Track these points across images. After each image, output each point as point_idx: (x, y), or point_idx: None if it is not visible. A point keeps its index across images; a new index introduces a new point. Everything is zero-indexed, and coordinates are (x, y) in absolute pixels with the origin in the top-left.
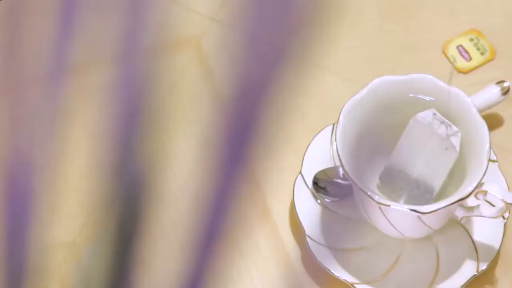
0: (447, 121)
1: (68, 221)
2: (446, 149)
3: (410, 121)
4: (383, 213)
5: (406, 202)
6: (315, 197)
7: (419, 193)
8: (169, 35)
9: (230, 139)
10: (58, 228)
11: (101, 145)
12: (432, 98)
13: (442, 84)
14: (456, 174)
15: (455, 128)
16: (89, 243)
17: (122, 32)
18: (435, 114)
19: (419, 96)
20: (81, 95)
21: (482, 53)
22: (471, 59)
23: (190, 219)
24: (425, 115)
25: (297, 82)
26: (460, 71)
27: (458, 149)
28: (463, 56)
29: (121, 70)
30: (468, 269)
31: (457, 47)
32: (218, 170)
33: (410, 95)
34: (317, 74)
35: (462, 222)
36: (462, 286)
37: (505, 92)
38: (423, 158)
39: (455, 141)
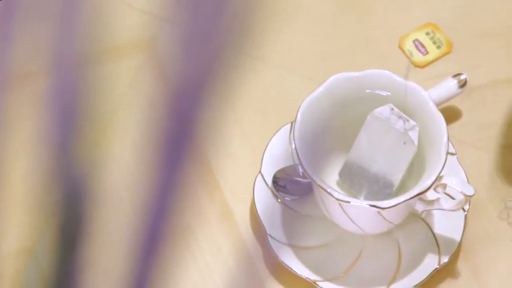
0: (404, 115)
1: (25, 228)
2: (404, 143)
3: (368, 116)
4: (343, 210)
5: (366, 198)
6: (275, 196)
7: (379, 188)
8: (121, 38)
9: (186, 139)
10: (15, 235)
11: (42, 151)
12: (389, 93)
13: (399, 79)
14: (415, 168)
15: (412, 122)
16: (39, 249)
17: (66, 38)
18: (392, 109)
19: (376, 91)
20: (22, 104)
21: (438, 47)
22: (427, 53)
23: (144, 221)
24: (383, 110)
25: (255, 82)
26: (417, 65)
27: (416, 143)
28: (419, 50)
29: (62, 77)
30: (430, 262)
31: (413, 41)
32: (174, 171)
33: (367, 91)
34: (274, 72)
35: (423, 216)
36: (423, 279)
37: (462, 85)
38: (382, 153)
39: (413, 135)
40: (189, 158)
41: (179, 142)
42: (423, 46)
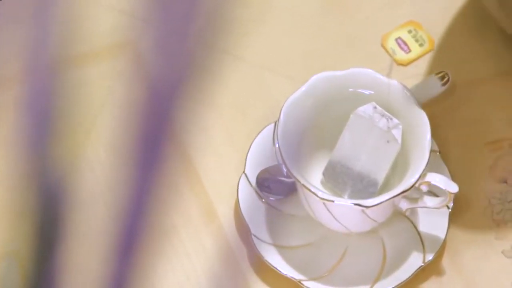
0: (387, 114)
1: (4, 231)
2: (388, 141)
3: (351, 115)
4: (328, 209)
5: (350, 197)
6: (259, 196)
7: (363, 187)
8: (102, 40)
9: (168, 140)
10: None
11: (19, 155)
12: (371, 92)
13: (381, 77)
14: (399, 166)
15: (396, 120)
16: (18, 251)
17: (46, 42)
18: (375, 107)
19: (359, 90)
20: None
21: (421, 45)
22: (410, 51)
23: (126, 221)
24: (366, 109)
25: (238, 82)
26: (400, 64)
27: (399, 141)
28: (402, 49)
29: (40, 81)
30: (415, 260)
31: (396, 39)
32: (156, 172)
33: (349, 89)
34: (257, 72)
35: (407, 214)
36: (408, 277)
37: (445, 82)
38: (366, 152)
39: (397, 133)
40: (172, 158)
41: (162, 142)
42: (405, 44)
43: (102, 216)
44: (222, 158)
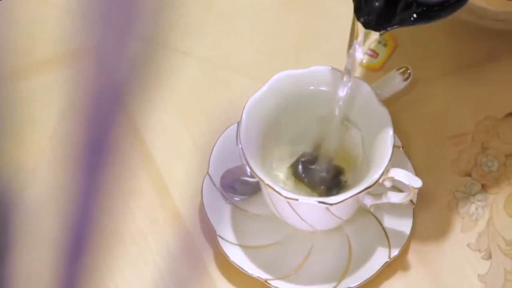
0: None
1: None
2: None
3: (320, 119)
4: (292, 208)
5: (317, 191)
6: (224, 197)
7: (329, 183)
8: (60, 45)
9: (130, 142)
10: None
11: None
12: (333, 89)
13: (342, 74)
14: (363, 163)
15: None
16: None
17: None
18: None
19: (320, 88)
20: None
21: (384, 45)
22: (377, 54)
23: (85, 226)
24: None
25: (200, 82)
26: (372, 69)
27: (361, 145)
28: (368, 55)
29: None
30: (380, 256)
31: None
32: (120, 175)
33: (311, 87)
34: (219, 72)
35: (372, 210)
36: (374, 273)
37: (407, 78)
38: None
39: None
40: (134, 161)
41: (123, 144)
42: (372, 50)
43: (56, 221)
44: (185, 159)
